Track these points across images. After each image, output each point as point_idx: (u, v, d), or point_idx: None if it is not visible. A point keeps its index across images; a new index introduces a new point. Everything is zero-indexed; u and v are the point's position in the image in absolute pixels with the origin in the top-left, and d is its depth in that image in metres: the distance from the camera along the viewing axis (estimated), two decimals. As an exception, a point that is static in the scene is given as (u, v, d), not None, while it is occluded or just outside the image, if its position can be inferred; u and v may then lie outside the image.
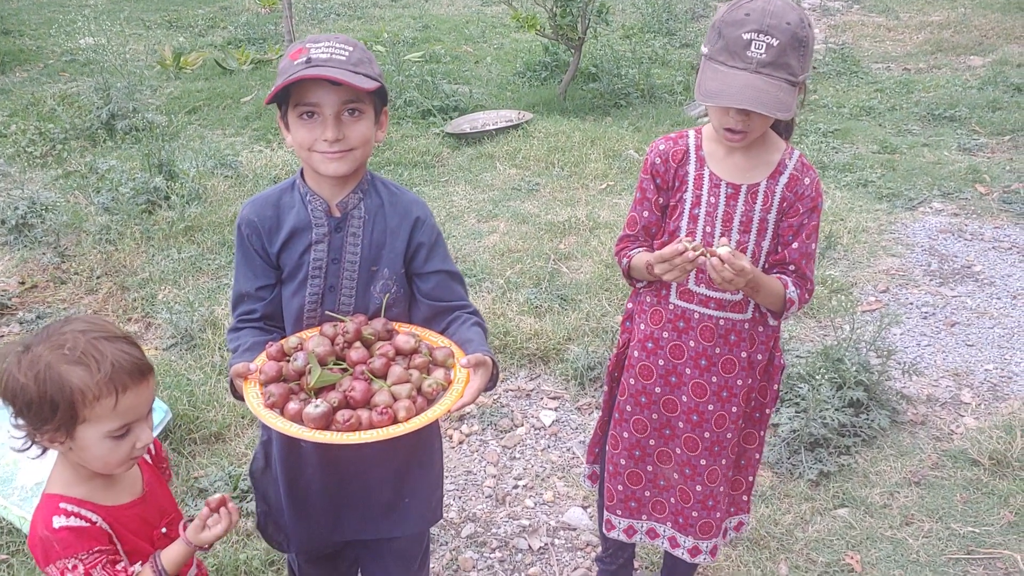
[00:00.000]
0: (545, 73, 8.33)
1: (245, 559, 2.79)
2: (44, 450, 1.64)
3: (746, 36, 1.89)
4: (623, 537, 2.44)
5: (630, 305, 2.35)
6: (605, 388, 2.44)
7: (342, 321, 1.89)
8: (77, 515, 1.61)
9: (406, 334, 1.90)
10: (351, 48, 1.80)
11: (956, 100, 7.53)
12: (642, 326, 2.26)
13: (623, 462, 2.36)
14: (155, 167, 5.61)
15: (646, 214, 2.21)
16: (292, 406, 1.72)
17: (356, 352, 1.84)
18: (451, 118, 7.22)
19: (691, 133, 2.17)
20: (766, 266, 2.15)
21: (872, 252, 5.01)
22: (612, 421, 2.37)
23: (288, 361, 1.82)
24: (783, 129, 2.16)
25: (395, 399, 1.74)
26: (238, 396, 1.85)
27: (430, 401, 1.77)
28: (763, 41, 1.88)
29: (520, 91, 8.08)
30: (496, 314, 4.21)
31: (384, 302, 1.93)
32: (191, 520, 1.73)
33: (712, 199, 2.11)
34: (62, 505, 1.62)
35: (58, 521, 1.59)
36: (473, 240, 5.12)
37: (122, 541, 1.68)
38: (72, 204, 5.43)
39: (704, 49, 2.00)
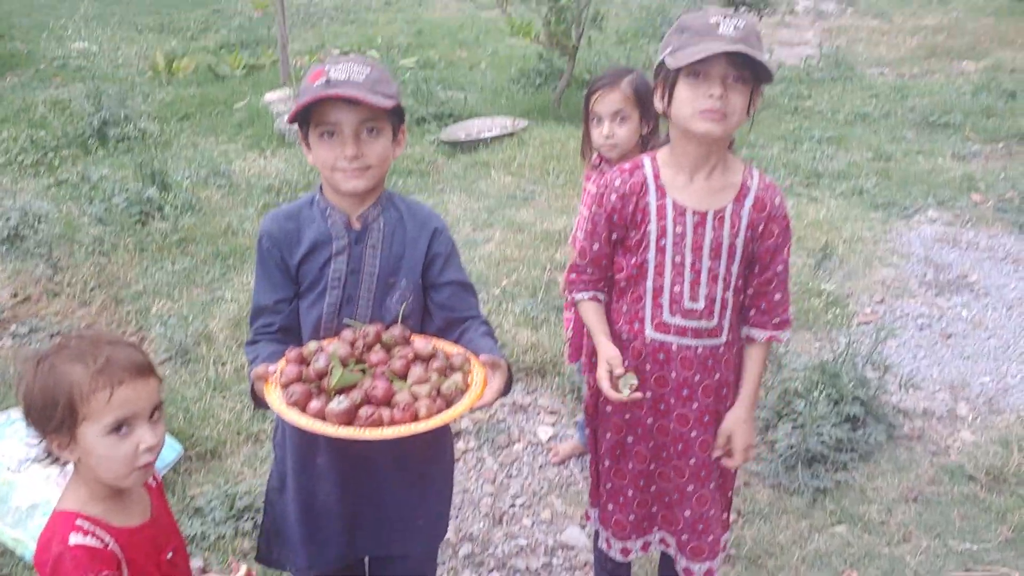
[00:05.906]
0: (540, 80, 8.32)
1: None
2: (58, 461, 1.64)
3: (712, 20, 1.88)
4: (640, 554, 2.41)
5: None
6: (587, 431, 2.38)
7: (361, 327, 1.93)
8: (93, 534, 1.61)
9: (423, 339, 1.95)
10: (369, 68, 1.86)
11: (950, 106, 7.55)
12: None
13: (631, 492, 2.32)
14: (148, 177, 5.59)
15: (596, 247, 2.15)
16: (314, 404, 1.75)
17: (376, 354, 1.88)
18: (446, 125, 7.20)
19: (646, 161, 2.09)
20: (748, 292, 2.12)
21: (867, 262, 5.01)
22: (610, 459, 2.32)
23: (308, 365, 1.85)
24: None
25: (415, 399, 1.77)
26: (259, 403, 1.89)
27: (449, 403, 1.79)
28: (730, 23, 1.87)
29: (515, 98, 8.06)
30: (492, 325, 4.16)
31: (402, 311, 1.97)
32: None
33: (678, 228, 2.04)
34: (78, 522, 1.61)
35: (75, 538, 1.59)
36: (468, 249, 5.10)
37: (131, 566, 1.67)
38: (65, 214, 5.39)
39: (667, 59, 1.93)
